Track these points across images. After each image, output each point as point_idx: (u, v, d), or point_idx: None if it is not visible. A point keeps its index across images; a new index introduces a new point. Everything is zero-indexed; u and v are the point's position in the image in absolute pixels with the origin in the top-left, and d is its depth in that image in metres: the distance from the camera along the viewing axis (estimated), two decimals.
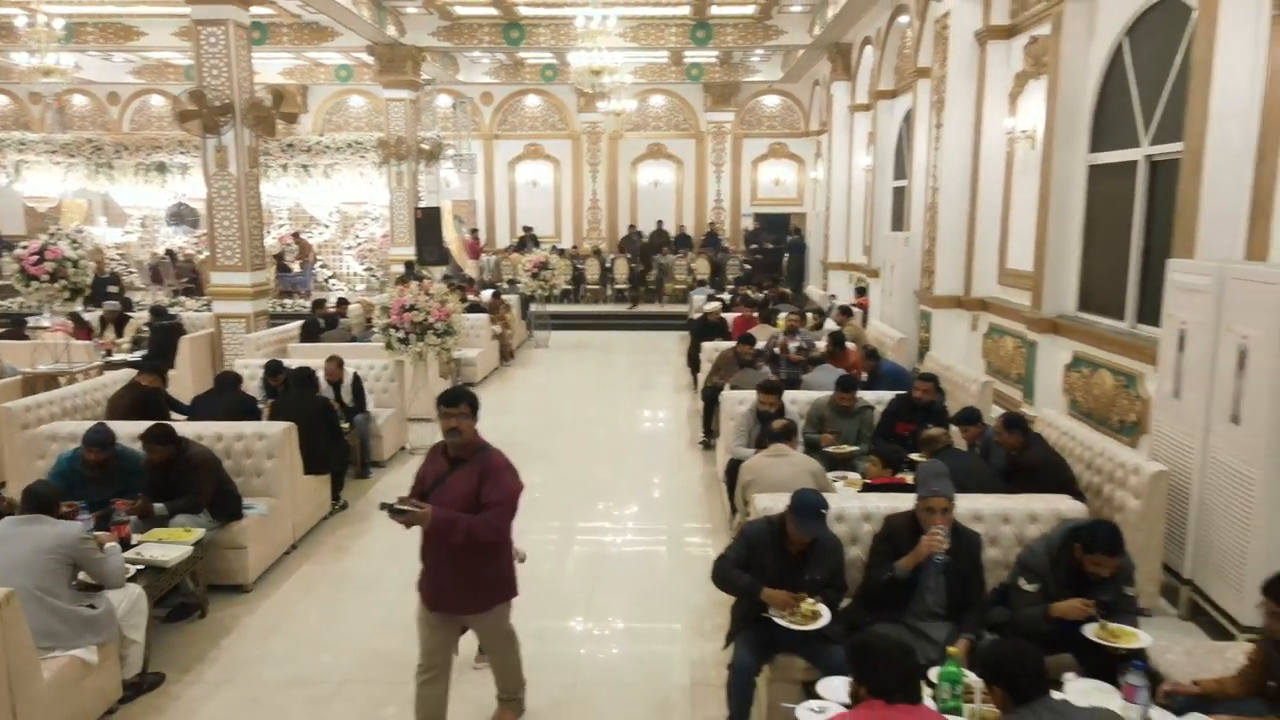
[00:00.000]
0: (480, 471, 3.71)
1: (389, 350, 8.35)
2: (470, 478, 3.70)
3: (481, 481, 3.68)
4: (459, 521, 3.57)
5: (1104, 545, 3.48)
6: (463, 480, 3.70)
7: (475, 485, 3.67)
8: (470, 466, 3.72)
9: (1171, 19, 6.56)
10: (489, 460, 3.76)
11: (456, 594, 3.79)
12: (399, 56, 17.01)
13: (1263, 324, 4.32)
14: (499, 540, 3.79)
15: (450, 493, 3.68)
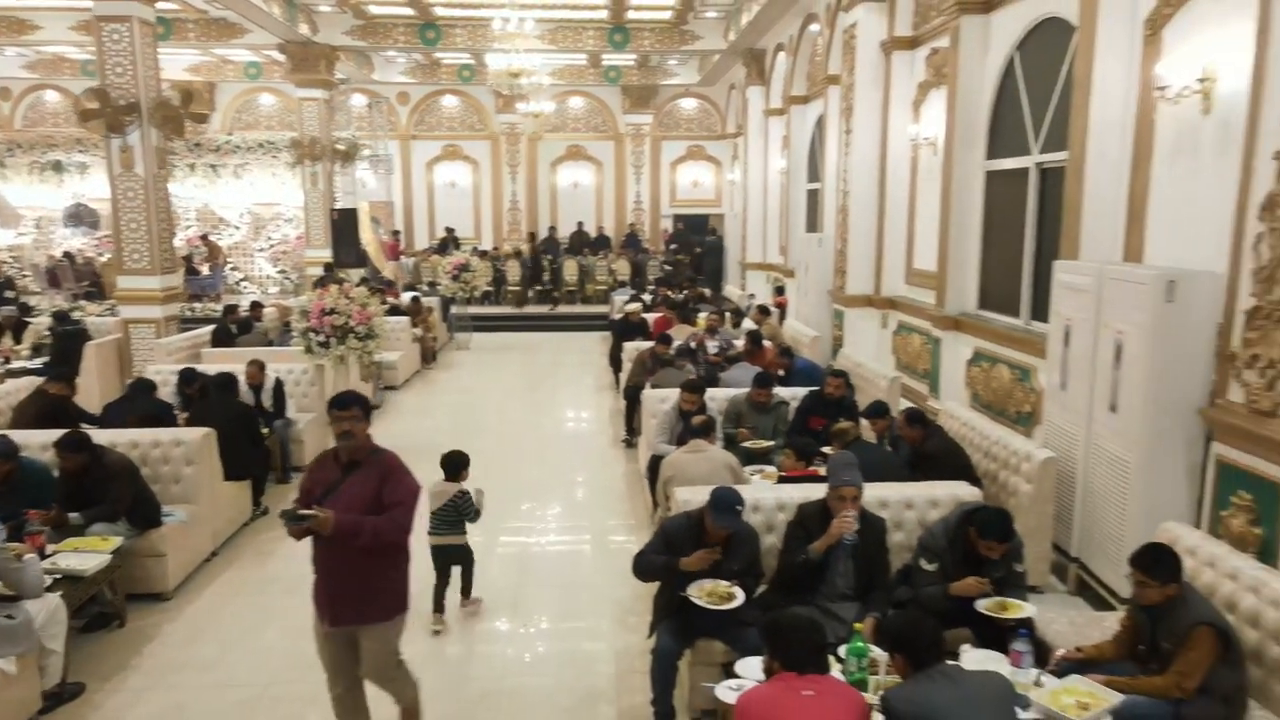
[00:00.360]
0: (380, 473, 3.63)
1: (308, 354, 8.28)
2: (368, 480, 3.60)
3: (382, 482, 3.61)
4: (364, 524, 3.48)
5: (996, 533, 3.78)
6: (360, 484, 3.59)
7: (375, 487, 3.59)
8: (367, 469, 3.63)
9: (1056, 36, 7.02)
10: (386, 460, 3.70)
11: (358, 603, 3.63)
12: (312, 55, 16.72)
13: (1135, 320, 4.72)
14: (405, 539, 3.71)
15: (347, 498, 3.55)
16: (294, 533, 3.48)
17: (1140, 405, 4.70)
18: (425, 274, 19.25)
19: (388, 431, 9.63)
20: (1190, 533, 4.00)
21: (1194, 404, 4.64)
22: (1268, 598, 3.42)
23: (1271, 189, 4.01)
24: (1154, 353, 4.61)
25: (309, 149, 17.13)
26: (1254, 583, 3.51)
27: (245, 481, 6.70)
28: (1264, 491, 4.06)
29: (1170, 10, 5.48)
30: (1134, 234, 5.86)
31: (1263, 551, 4.06)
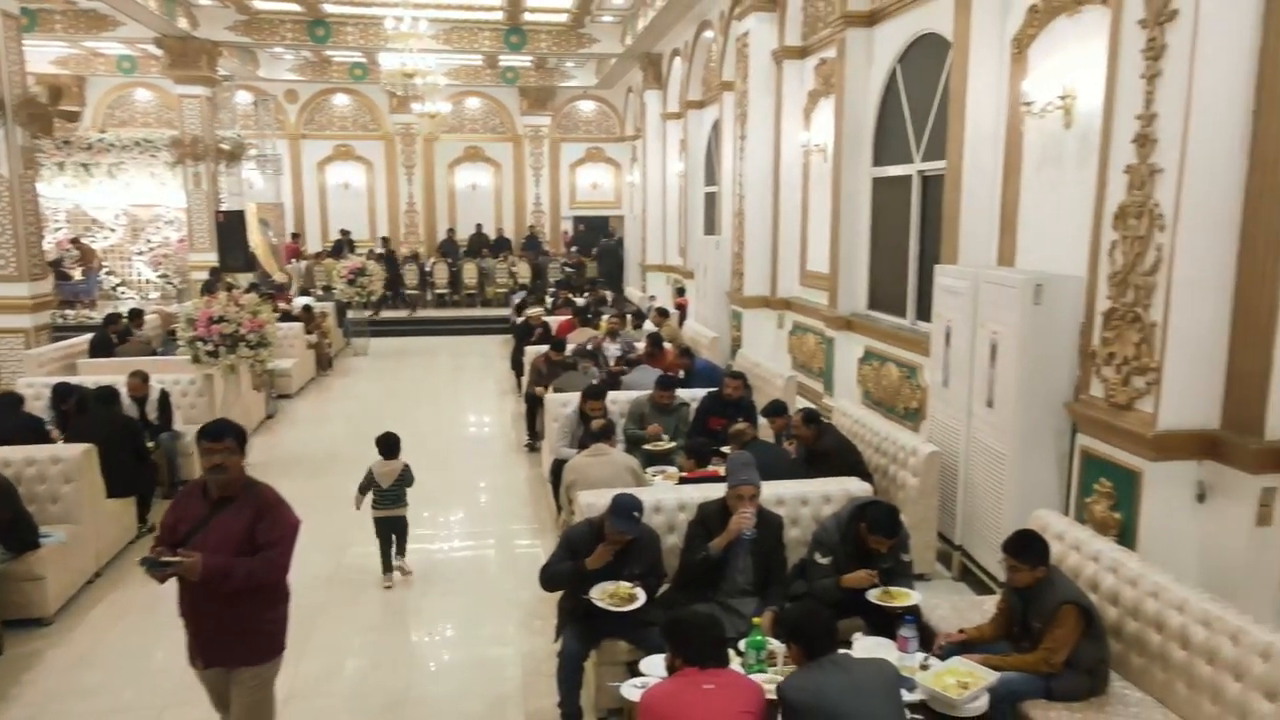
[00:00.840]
0: (254, 509, 3.36)
1: (196, 364, 7.98)
2: (241, 517, 3.33)
3: (256, 518, 3.33)
4: (235, 566, 3.23)
5: (884, 528, 3.99)
6: (231, 521, 3.32)
7: (248, 524, 3.32)
8: (239, 505, 3.35)
9: (934, 51, 7.39)
10: (262, 495, 3.43)
11: (230, 647, 3.40)
12: (191, 50, 16.05)
13: (1008, 321, 5.04)
14: (282, 579, 3.48)
15: (216, 537, 3.28)
16: (157, 578, 3.21)
17: (1013, 401, 5.02)
18: (319, 278, 18.71)
19: (282, 441, 9.37)
20: (1059, 519, 4.31)
21: (1061, 399, 4.98)
22: (1125, 577, 3.72)
23: (1123, 200, 4.35)
24: (1024, 351, 4.94)
25: (191, 148, 16.42)
26: (1113, 564, 3.82)
27: (130, 498, 6.42)
28: (1121, 479, 4.40)
29: (1034, 30, 5.87)
30: (1006, 239, 6.24)
31: (1122, 534, 4.40)
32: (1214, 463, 4.17)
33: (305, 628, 5.24)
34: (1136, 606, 3.61)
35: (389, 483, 5.87)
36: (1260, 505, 4.03)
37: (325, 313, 13.93)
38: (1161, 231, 4.14)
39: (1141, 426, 4.23)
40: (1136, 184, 4.28)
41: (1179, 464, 4.21)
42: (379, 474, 5.86)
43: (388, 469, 5.88)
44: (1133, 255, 4.30)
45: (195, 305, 7.98)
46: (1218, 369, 4.14)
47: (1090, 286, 4.66)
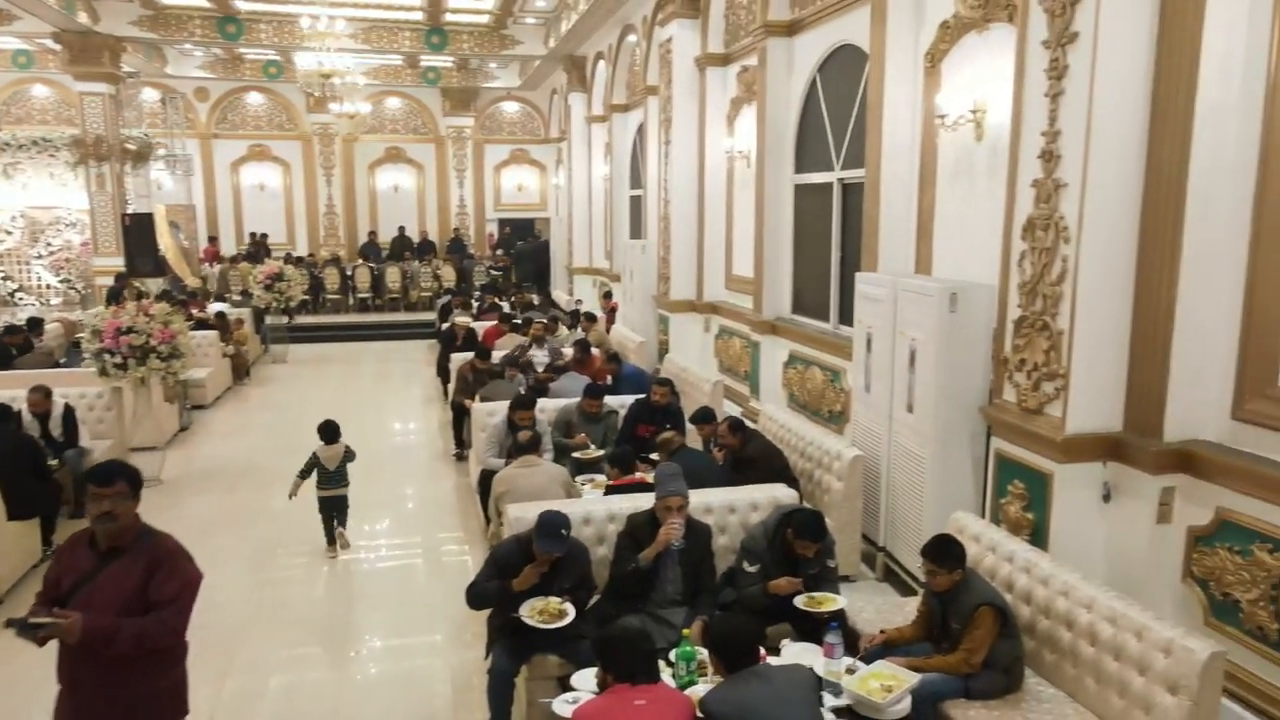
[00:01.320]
0: (147, 561, 3.02)
1: (104, 377, 7.64)
2: (132, 572, 3.00)
3: (150, 573, 3.00)
4: (122, 628, 2.88)
5: (810, 533, 4.07)
6: (121, 575, 2.99)
7: (140, 580, 2.99)
8: (131, 557, 3.02)
9: (852, 62, 7.56)
10: (158, 546, 3.09)
11: (119, 717, 3.05)
12: (93, 46, 15.36)
13: (925, 328, 5.20)
14: (178, 643, 3.15)
15: (103, 594, 2.94)
16: (32, 640, 2.84)
17: (932, 405, 5.18)
18: (234, 282, 18.12)
19: (198, 454, 9.06)
20: (975, 521, 4.46)
21: (976, 403, 5.16)
22: (1037, 577, 3.88)
23: (1031, 213, 4.53)
24: (941, 358, 5.10)
25: (93, 149, 15.73)
26: (1026, 564, 3.98)
27: (33, 520, 6.12)
28: (1034, 481, 4.58)
29: (946, 45, 6.05)
30: (924, 247, 6.43)
31: (1035, 533, 4.58)
32: (1118, 464, 4.37)
33: (229, 645, 5.12)
34: (1048, 605, 3.76)
35: (334, 465, 6.41)
36: (1160, 504, 4.24)
37: (242, 319, 13.50)
38: (1067, 244, 4.32)
39: (1051, 430, 4.41)
40: (1043, 198, 4.46)
41: (1086, 466, 4.40)
42: (324, 458, 6.40)
43: (331, 453, 6.43)
44: (1040, 266, 4.48)
45: (101, 315, 7.63)
46: (1120, 374, 4.35)
47: (1002, 295, 4.84)
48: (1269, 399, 3.89)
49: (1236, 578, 3.93)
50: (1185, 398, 4.16)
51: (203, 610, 5.40)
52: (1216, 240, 4.03)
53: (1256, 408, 3.93)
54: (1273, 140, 3.80)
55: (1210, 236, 4.04)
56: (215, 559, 6.33)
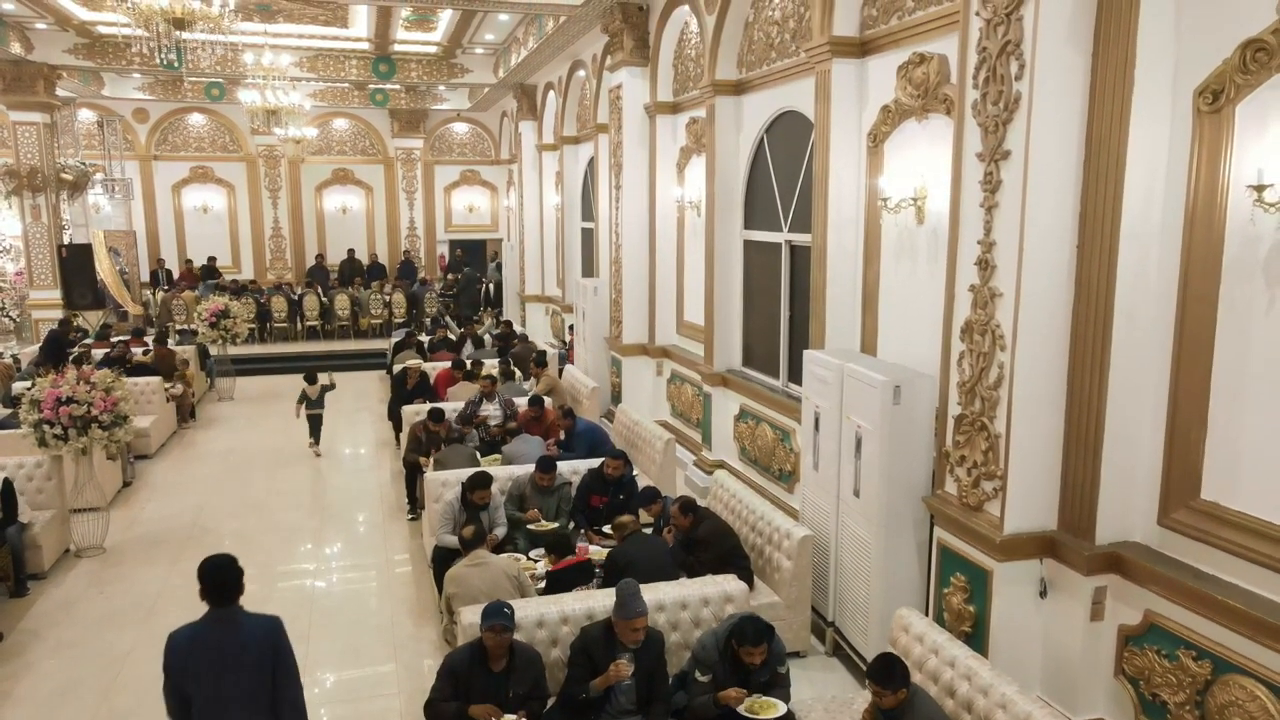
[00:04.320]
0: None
1: (43, 447, 7.46)
2: None
3: None
4: None
5: (750, 639, 4.16)
6: None
7: None
8: None
9: (799, 126, 7.69)
10: None
11: None
12: (27, 75, 14.98)
13: (870, 418, 5.33)
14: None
15: None
16: None
17: (877, 493, 5.31)
18: (177, 311, 17.71)
19: (142, 515, 8.87)
20: (919, 620, 4.60)
21: (919, 491, 5.31)
22: (978, 686, 4.02)
23: (969, 316, 4.68)
24: (885, 447, 5.23)
25: (28, 179, 15.30)
26: (967, 671, 4.11)
27: None
28: (975, 575, 4.74)
29: (888, 128, 6.21)
30: (869, 321, 6.59)
31: (976, 624, 4.74)
32: (1053, 561, 4.55)
33: None
34: (987, 716, 3.90)
35: (315, 396, 10.57)
36: (1094, 602, 4.42)
37: (187, 359, 13.23)
38: (1003, 351, 4.48)
39: (990, 529, 4.57)
40: (980, 304, 4.61)
41: (1023, 564, 4.57)
42: (309, 392, 10.55)
43: (314, 389, 10.56)
44: (978, 369, 4.63)
45: (40, 386, 7.43)
46: (1054, 477, 4.52)
47: (943, 390, 4.99)
48: (1192, 510, 4.08)
49: (1164, 680, 4.11)
50: (1116, 502, 4.34)
51: (152, 710, 5.36)
52: (1141, 355, 4.21)
53: (1181, 517, 4.12)
54: (1192, 266, 3.99)
55: (1135, 350, 4.22)
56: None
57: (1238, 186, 3.76)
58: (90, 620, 6.63)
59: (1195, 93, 3.93)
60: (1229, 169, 3.81)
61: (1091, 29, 4.19)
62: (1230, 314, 3.88)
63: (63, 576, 7.42)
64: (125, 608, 6.85)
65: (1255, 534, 3.81)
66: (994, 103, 4.43)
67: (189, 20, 7.19)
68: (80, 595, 7.08)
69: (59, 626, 6.54)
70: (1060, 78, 4.21)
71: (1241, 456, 3.88)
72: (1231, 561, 3.88)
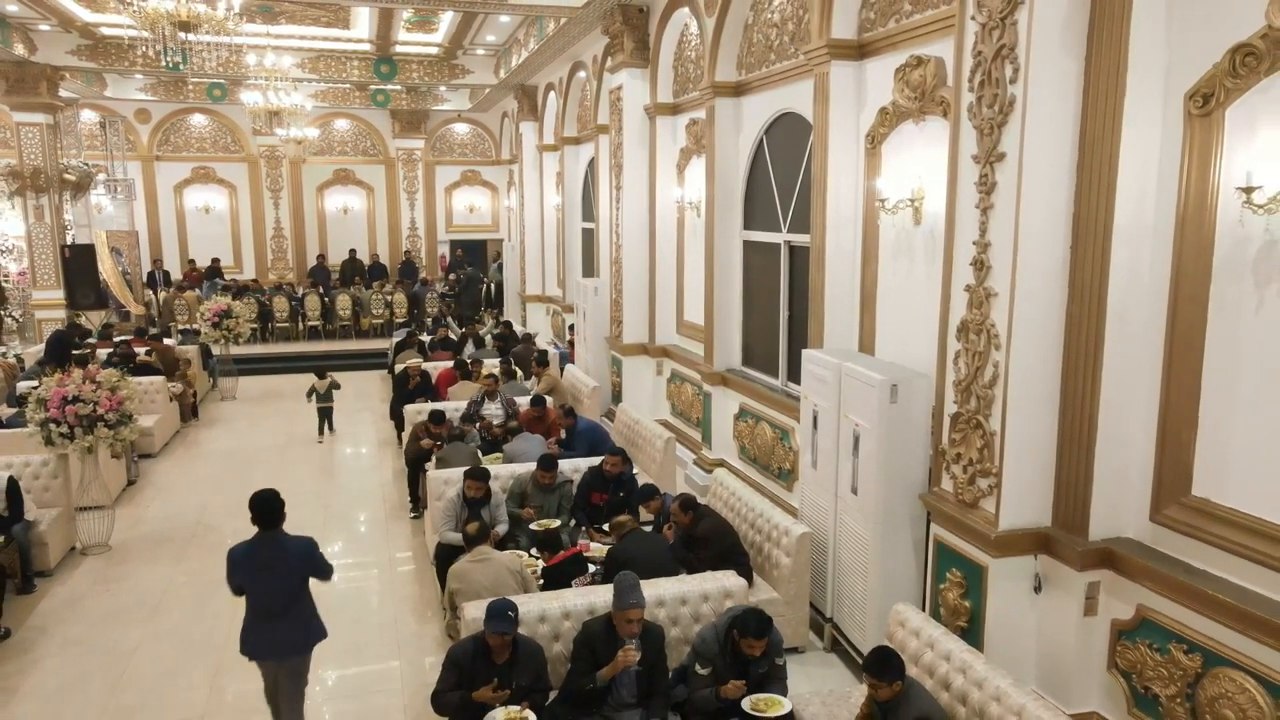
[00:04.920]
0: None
1: (49, 446, 7.53)
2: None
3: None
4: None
5: (753, 631, 4.24)
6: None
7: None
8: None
9: (798, 127, 7.76)
10: None
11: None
12: (30, 76, 15.05)
13: (868, 416, 5.40)
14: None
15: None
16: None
17: (874, 490, 5.38)
18: (179, 311, 17.79)
19: (146, 514, 8.94)
20: (915, 615, 4.66)
21: (916, 488, 5.38)
22: (972, 679, 4.08)
23: (964, 316, 4.75)
24: (883, 446, 5.30)
25: (31, 180, 15.37)
26: (963, 665, 4.18)
27: None
28: (970, 570, 4.80)
29: (885, 130, 6.28)
30: (867, 321, 6.65)
31: (972, 619, 4.81)
32: (1048, 557, 4.62)
33: None
34: (982, 709, 3.97)
35: (324, 390, 11.48)
36: (1087, 597, 4.49)
37: (190, 360, 13.30)
38: (998, 350, 4.55)
39: (985, 526, 4.64)
40: (975, 303, 4.68)
41: (1018, 559, 4.63)
42: (319, 387, 11.46)
43: (323, 384, 11.51)
44: (974, 368, 4.70)
45: (47, 385, 7.50)
46: (1049, 474, 4.59)
47: (939, 389, 5.05)
48: (1184, 506, 4.15)
49: (1156, 673, 4.18)
50: (1109, 499, 4.41)
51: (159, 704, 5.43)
52: (1134, 354, 4.28)
53: (1172, 514, 4.19)
54: (1183, 267, 4.06)
55: (1128, 350, 4.29)
56: (169, 641, 6.34)
57: (1227, 189, 3.83)
58: (96, 617, 6.70)
59: (1186, 96, 4.00)
60: (1219, 171, 3.88)
61: (1084, 33, 4.26)
62: (1220, 314, 3.95)
63: (69, 574, 7.50)
64: (131, 605, 6.92)
65: (1245, 530, 3.88)
66: (989, 106, 4.50)
67: (194, 23, 7.29)
68: (86, 592, 7.15)
69: (65, 623, 6.61)
70: (1054, 81, 4.28)
71: (1231, 454, 3.95)
72: (1222, 557, 3.95)
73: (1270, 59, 3.64)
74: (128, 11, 7.13)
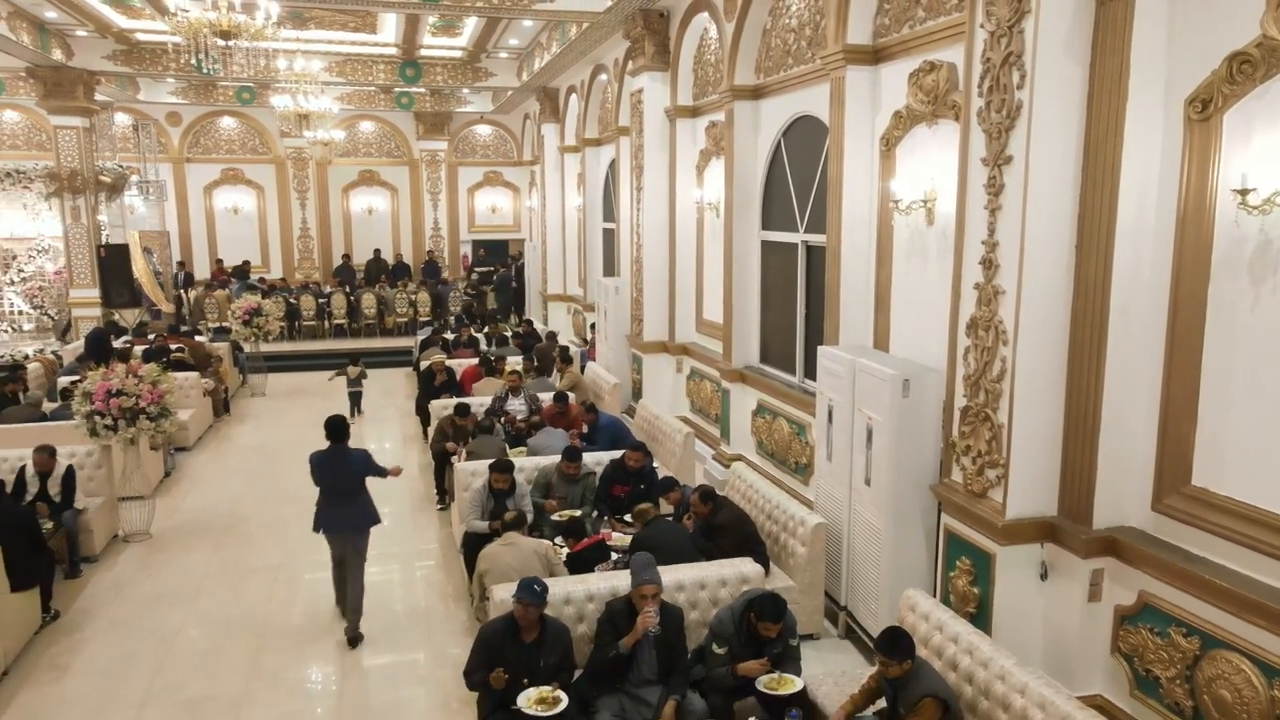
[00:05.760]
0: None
1: (94, 437, 7.86)
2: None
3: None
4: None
5: (770, 615, 4.45)
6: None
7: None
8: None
9: (814, 130, 7.95)
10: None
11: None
12: (67, 80, 15.46)
13: (881, 410, 5.59)
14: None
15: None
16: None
17: (887, 482, 5.58)
18: (209, 310, 18.20)
19: (183, 504, 9.27)
20: (925, 599, 4.85)
21: (928, 480, 5.56)
22: (979, 660, 4.27)
23: (974, 313, 4.94)
24: (895, 439, 5.50)
25: (68, 181, 15.80)
26: (969, 646, 4.37)
27: (33, 590, 6.34)
28: (979, 558, 4.99)
29: (899, 133, 6.46)
30: (881, 319, 6.84)
31: (980, 606, 4.99)
32: (1053, 545, 4.79)
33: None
34: (987, 687, 4.16)
35: (354, 376, 12.68)
36: (1091, 584, 4.66)
37: (221, 356, 13.67)
38: (1005, 345, 4.73)
39: (993, 515, 4.82)
40: (984, 300, 4.87)
41: (1025, 547, 4.81)
42: (350, 374, 12.65)
43: (355, 370, 12.73)
44: (983, 363, 4.89)
45: (92, 379, 7.83)
46: (1054, 465, 4.76)
47: (950, 383, 5.24)
48: (1184, 495, 4.32)
49: (1157, 656, 4.35)
50: (1112, 489, 4.58)
51: (205, 680, 5.71)
52: (1136, 350, 4.45)
53: (1173, 503, 4.36)
54: (1183, 266, 4.23)
55: (1130, 346, 4.46)
56: (209, 624, 6.63)
57: (1224, 191, 4.00)
58: (140, 600, 7.01)
59: (1186, 102, 4.16)
60: (1217, 174, 4.05)
61: (1089, 41, 4.44)
62: (1218, 311, 4.11)
63: (113, 560, 7.82)
64: (172, 590, 7.22)
65: (1242, 517, 4.04)
66: (997, 110, 4.68)
67: (235, 32, 7.60)
68: (130, 577, 7.47)
69: (110, 606, 6.92)
70: (1059, 87, 4.46)
71: (1229, 445, 4.11)
72: (1219, 544, 4.12)
73: (1265, 66, 3.81)
74: (171, 22, 7.44)
